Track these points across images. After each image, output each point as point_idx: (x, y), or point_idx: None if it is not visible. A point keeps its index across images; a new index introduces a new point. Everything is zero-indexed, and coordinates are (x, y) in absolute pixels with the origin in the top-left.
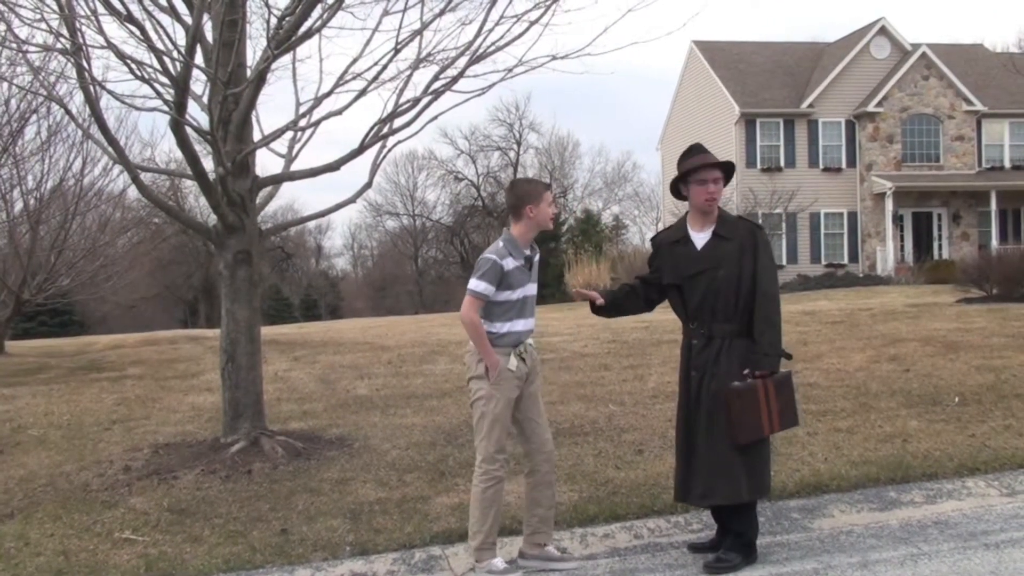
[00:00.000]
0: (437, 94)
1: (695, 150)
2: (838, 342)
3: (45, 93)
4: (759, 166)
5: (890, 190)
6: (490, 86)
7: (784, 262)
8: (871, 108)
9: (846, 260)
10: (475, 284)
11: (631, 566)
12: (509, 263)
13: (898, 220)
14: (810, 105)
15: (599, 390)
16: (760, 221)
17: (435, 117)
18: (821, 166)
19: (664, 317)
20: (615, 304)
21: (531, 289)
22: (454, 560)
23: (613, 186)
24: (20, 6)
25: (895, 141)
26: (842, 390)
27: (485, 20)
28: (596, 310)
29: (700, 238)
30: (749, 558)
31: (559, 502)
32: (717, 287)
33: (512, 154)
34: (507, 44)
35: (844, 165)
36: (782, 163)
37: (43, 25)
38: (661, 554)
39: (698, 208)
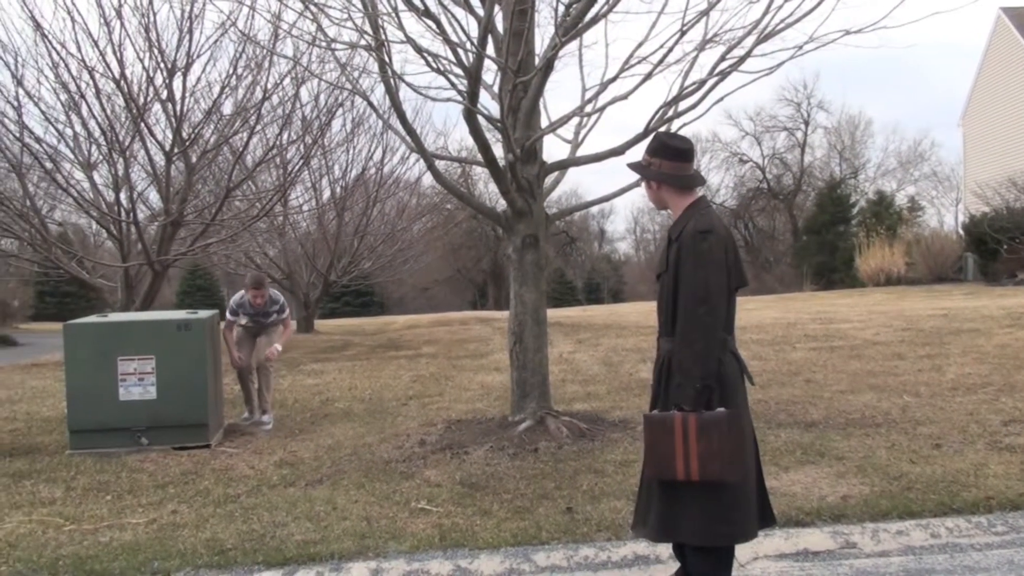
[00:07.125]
0: (723, 75)
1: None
2: None
3: (350, 87)
4: None
5: None
6: (778, 65)
7: None
8: None
9: None
10: None
11: (927, 566)
12: None
13: None
14: None
15: (892, 380)
16: None
17: (721, 99)
18: None
19: (964, 304)
20: None
21: None
22: (737, 549)
23: (908, 166)
24: (329, 7)
25: None
26: None
27: None
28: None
29: None
30: None
31: (848, 495)
32: (658, 295)
33: (799, 134)
34: (797, 20)
35: None
36: None
37: (349, 24)
38: (961, 555)
39: None
